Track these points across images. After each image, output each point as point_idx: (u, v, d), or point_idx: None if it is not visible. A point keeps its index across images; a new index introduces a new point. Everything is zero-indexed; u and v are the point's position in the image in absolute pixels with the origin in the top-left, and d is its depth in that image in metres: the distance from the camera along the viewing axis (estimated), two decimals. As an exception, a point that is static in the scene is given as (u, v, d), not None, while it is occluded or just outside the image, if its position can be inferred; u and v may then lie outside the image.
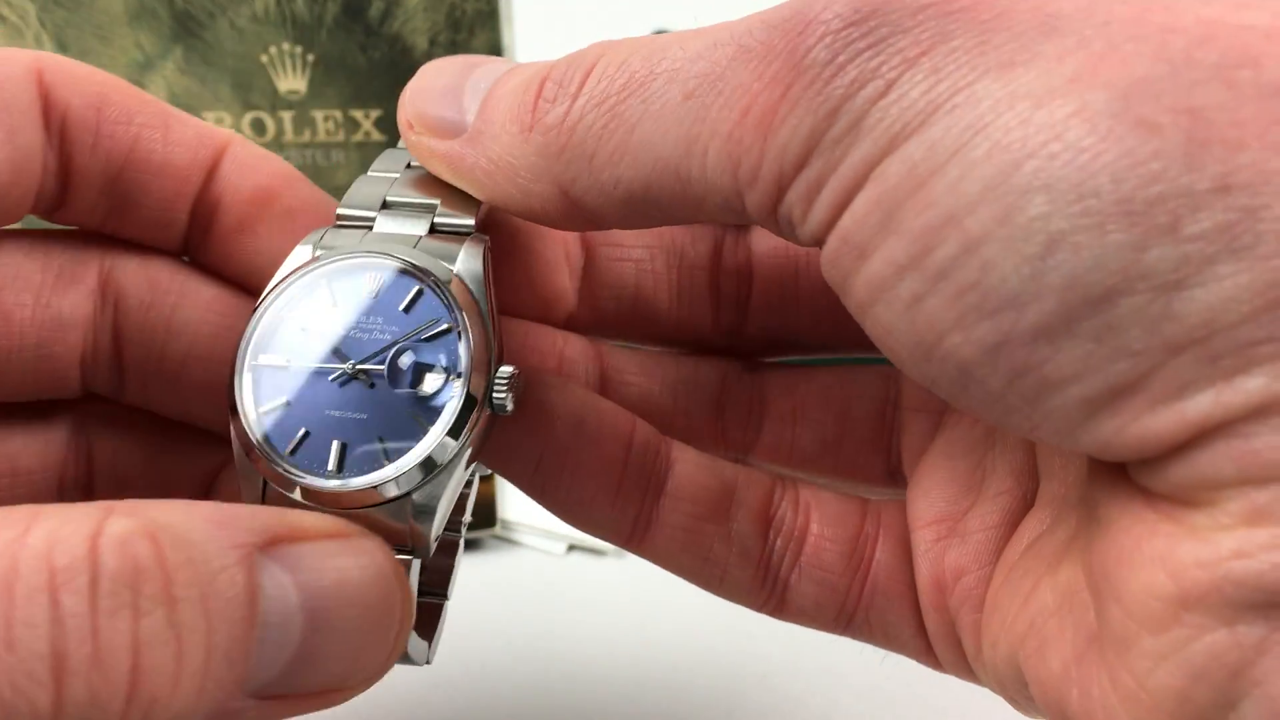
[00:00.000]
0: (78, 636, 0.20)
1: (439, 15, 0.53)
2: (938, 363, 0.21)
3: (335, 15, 0.53)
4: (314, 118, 0.55)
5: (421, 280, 0.28)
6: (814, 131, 0.21)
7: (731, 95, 0.22)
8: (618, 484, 0.30)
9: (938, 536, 0.29)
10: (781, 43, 0.21)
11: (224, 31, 0.54)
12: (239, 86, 0.54)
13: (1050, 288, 0.19)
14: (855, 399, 0.32)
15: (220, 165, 0.31)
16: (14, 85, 0.28)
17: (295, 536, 0.24)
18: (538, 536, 0.51)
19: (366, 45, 0.54)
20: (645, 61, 0.23)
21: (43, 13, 0.53)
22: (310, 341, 0.28)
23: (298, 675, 0.23)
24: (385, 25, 0.54)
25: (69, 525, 0.20)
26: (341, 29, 0.54)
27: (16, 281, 0.30)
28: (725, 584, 0.31)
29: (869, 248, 0.21)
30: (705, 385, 0.33)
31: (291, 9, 0.53)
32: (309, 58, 0.54)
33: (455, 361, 0.27)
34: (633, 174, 0.24)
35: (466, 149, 0.27)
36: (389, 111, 0.55)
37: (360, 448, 0.27)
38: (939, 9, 0.20)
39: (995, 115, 0.19)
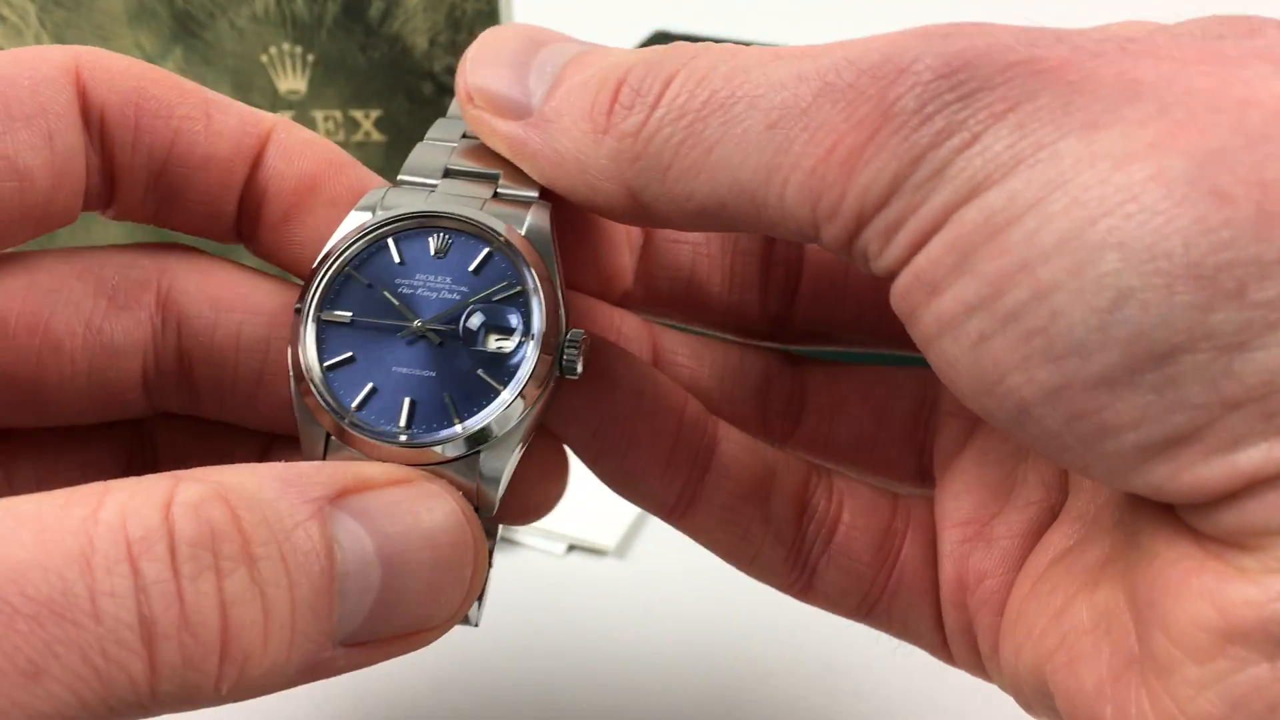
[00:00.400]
0: (163, 602, 0.20)
1: (439, 15, 0.53)
2: (998, 398, 0.22)
3: (335, 15, 0.53)
4: (314, 118, 0.55)
5: (492, 242, 0.28)
6: (898, 175, 0.22)
7: (817, 132, 0.22)
8: (668, 457, 0.30)
9: (963, 539, 0.30)
10: (871, 87, 0.22)
11: (224, 31, 0.54)
12: (239, 86, 0.54)
13: (1115, 340, 0.20)
14: (893, 398, 0.33)
15: (265, 153, 0.31)
16: (51, 86, 0.28)
17: (363, 487, 0.24)
18: (538, 536, 0.51)
19: (366, 45, 0.54)
20: (727, 81, 0.24)
21: (43, 13, 0.53)
22: (376, 298, 0.28)
23: (382, 621, 0.24)
24: (385, 25, 0.54)
25: (140, 496, 0.21)
26: (341, 29, 0.54)
27: (67, 307, 0.29)
28: (756, 563, 0.32)
29: (941, 286, 0.22)
30: (750, 374, 0.34)
31: (291, 9, 0.53)
32: (309, 58, 0.54)
33: (528, 323, 0.27)
34: (707, 191, 0.24)
35: (531, 134, 0.27)
36: (389, 111, 0.55)
37: (429, 405, 0.27)
38: (1027, 68, 0.21)
39: (1076, 173, 0.20)
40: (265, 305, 0.30)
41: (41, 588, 0.19)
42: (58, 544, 0.20)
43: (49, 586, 0.19)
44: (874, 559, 0.31)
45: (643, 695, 0.44)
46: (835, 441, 0.33)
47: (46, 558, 0.19)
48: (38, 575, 0.19)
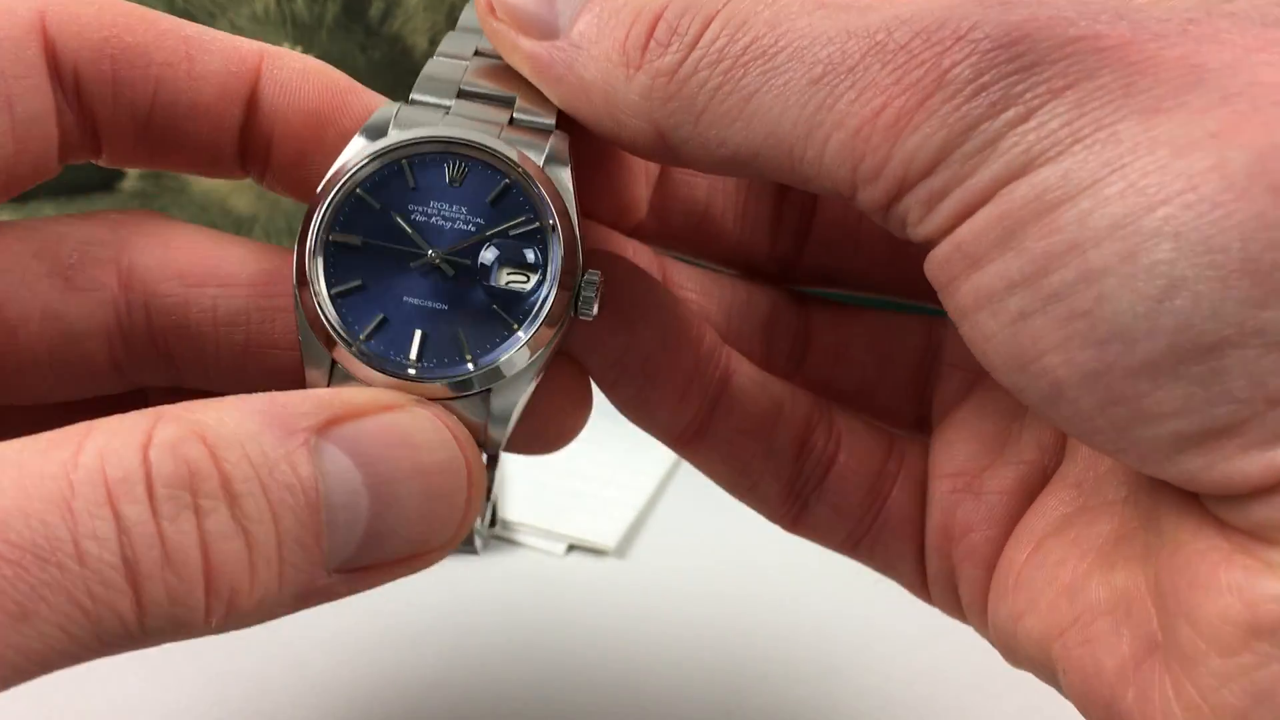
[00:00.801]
0: (144, 542, 0.20)
1: (439, 15, 0.53)
2: (1032, 376, 0.21)
3: (335, 15, 0.53)
4: (314, 118, 0.55)
5: (509, 174, 0.27)
6: (947, 144, 0.21)
7: (864, 91, 0.22)
8: (684, 388, 0.30)
9: (952, 489, 0.30)
10: (925, 51, 0.21)
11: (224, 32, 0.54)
12: (239, 86, 0.55)
13: (1163, 329, 0.19)
14: (898, 346, 0.33)
15: (259, 91, 0.29)
16: (12, 46, 0.26)
17: (350, 414, 0.24)
18: (538, 536, 0.51)
19: (366, 45, 0.54)
20: (770, 28, 0.23)
21: (43, 13, 0.53)
22: (388, 224, 0.27)
23: (376, 547, 0.24)
24: (385, 25, 0.54)
25: (118, 437, 0.21)
26: (341, 29, 0.54)
27: (21, 289, 0.28)
28: (752, 493, 0.32)
29: (983, 259, 0.21)
30: (757, 311, 0.33)
31: (291, 9, 0.53)
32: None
33: (545, 261, 0.26)
34: (741, 139, 0.24)
35: (557, 57, 0.26)
36: (389, 111, 0.55)
37: (441, 339, 0.26)
38: (1089, 44, 0.21)
39: (1134, 157, 0.20)
40: (239, 274, 0.29)
41: (24, 533, 0.19)
42: (38, 489, 0.20)
43: (31, 531, 0.19)
44: (864, 498, 0.32)
45: (643, 695, 0.44)
46: (837, 384, 0.33)
47: (28, 503, 0.19)
48: (19, 521, 0.19)
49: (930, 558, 0.31)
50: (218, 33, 0.29)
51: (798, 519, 0.32)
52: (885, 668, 0.33)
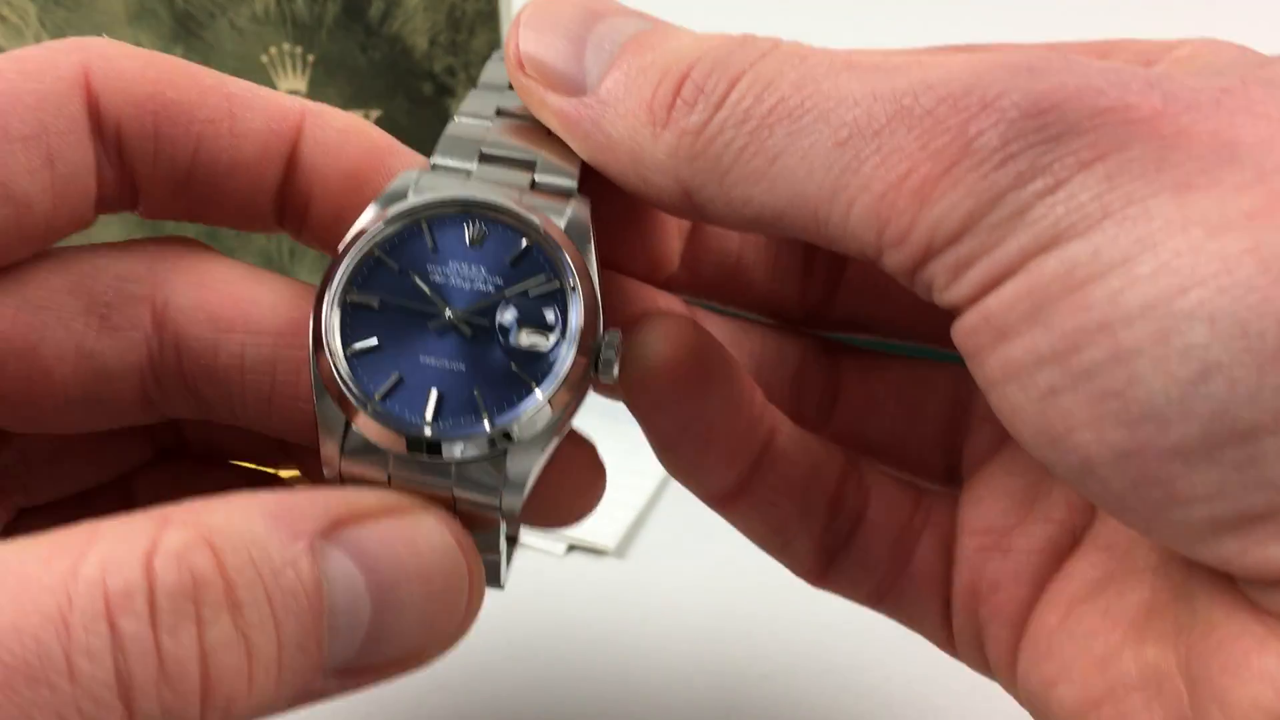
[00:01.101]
0: (141, 658, 0.20)
1: (439, 15, 0.53)
2: (1062, 452, 0.21)
3: (335, 15, 0.53)
4: (314, 118, 0.55)
5: (529, 235, 0.26)
6: (973, 213, 0.21)
7: (889, 156, 0.22)
8: (736, 451, 0.30)
9: (981, 546, 0.30)
10: (952, 117, 0.21)
11: (224, 31, 0.54)
12: (239, 86, 0.55)
13: (1197, 413, 0.19)
14: (928, 398, 0.32)
15: (300, 150, 0.29)
16: (56, 102, 0.26)
17: (356, 518, 0.24)
18: (538, 536, 0.51)
19: (366, 45, 0.54)
20: (796, 89, 0.23)
21: (43, 13, 0.53)
22: (406, 284, 0.26)
23: (374, 651, 0.23)
24: (385, 25, 0.54)
25: (122, 545, 0.21)
26: (341, 29, 0.54)
27: (57, 329, 0.27)
28: (784, 551, 0.32)
29: (1012, 332, 0.21)
30: (786, 362, 0.33)
31: (291, 9, 0.53)
32: (309, 58, 0.54)
33: (565, 321, 0.26)
34: (766, 200, 0.23)
35: (584, 114, 0.26)
36: (389, 111, 0.55)
37: (457, 399, 0.25)
38: (1119, 115, 0.20)
39: (1167, 236, 0.19)
40: (269, 323, 0.29)
41: (17, 651, 0.19)
42: (35, 604, 0.19)
43: (24, 649, 0.19)
44: (890, 553, 0.31)
45: (643, 695, 0.44)
46: (866, 435, 0.33)
47: (24, 620, 0.19)
48: (13, 639, 0.19)
49: (956, 614, 0.30)
50: (260, 89, 0.29)
51: (824, 575, 0.32)
52: (886, 668, 0.33)
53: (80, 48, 0.27)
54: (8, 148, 0.26)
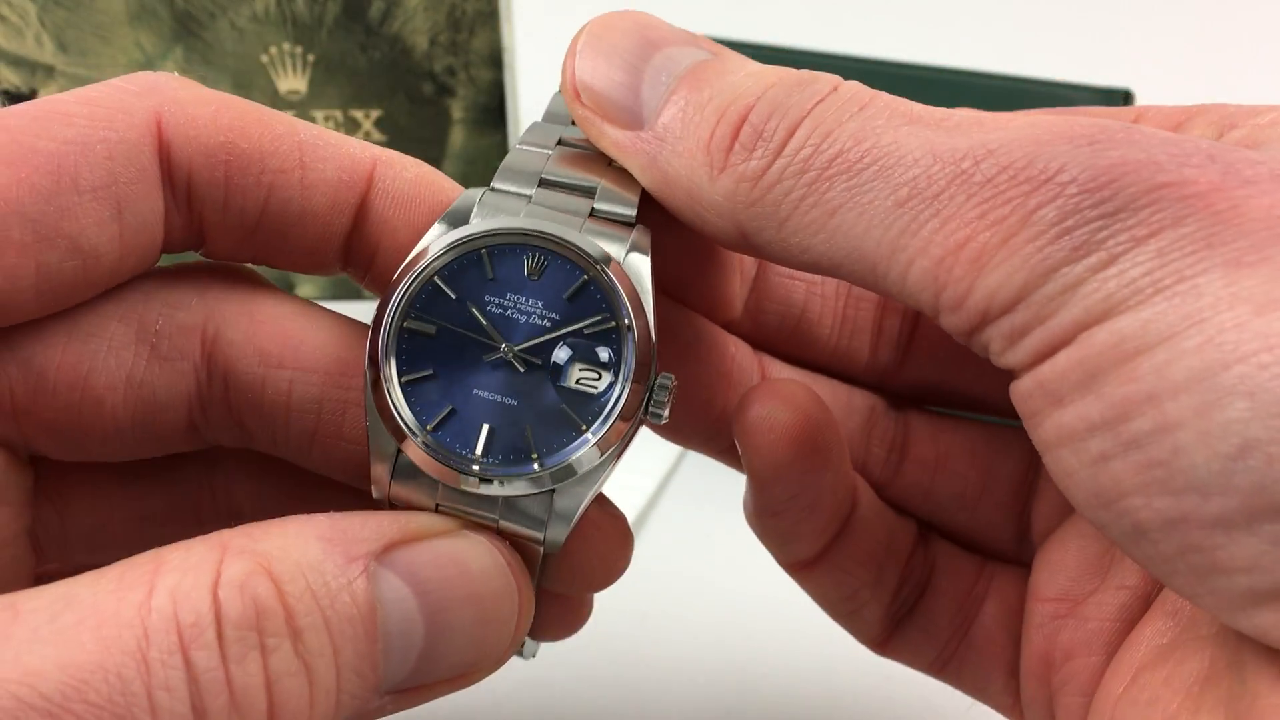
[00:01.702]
0: (213, 689, 0.21)
1: (439, 15, 0.53)
2: (1114, 515, 0.21)
3: (335, 15, 0.53)
4: (314, 118, 0.55)
5: (588, 269, 0.26)
6: (1028, 284, 0.21)
7: (948, 221, 0.22)
8: (829, 521, 0.30)
9: (1055, 614, 0.29)
10: (1011, 189, 0.21)
11: (224, 31, 0.54)
12: (239, 87, 0.54)
13: (1237, 487, 0.19)
14: (999, 461, 0.32)
15: (370, 201, 0.29)
16: (127, 151, 0.26)
17: (408, 539, 0.24)
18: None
19: (366, 45, 0.54)
20: (856, 142, 0.23)
21: (43, 13, 0.53)
22: (464, 314, 0.26)
23: (427, 670, 0.24)
24: (385, 25, 0.54)
25: (189, 577, 0.21)
26: (341, 29, 0.54)
27: (108, 358, 0.27)
28: (852, 618, 0.32)
29: (1065, 399, 0.21)
30: (855, 415, 0.33)
31: (292, 9, 0.53)
32: (309, 58, 0.54)
33: (619, 362, 0.26)
34: (824, 250, 0.24)
35: (641, 148, 0.26)
36: (389, 111, 0.55)
37: (508, 435, 0.26)
38: (1175, 191, 0.20)
39: (1214, 312, 0.19)
40: (318, 361, 0.28)
41: (102, 690, 0.20)
42: (116, 640, 0.20)
43: (109, 688, 0.20)
44: (951, 622, 0.31)
45: (643, 695, 0.44)
46: (935, 497, 0.33)
47: (106, 657, 0.20)
48: (99, 678, 0.20)
49: (1026, 683, 0.30)
50: (332, 135, 0.29)
51: (887, 642, 0.32)
52: (886, 667, 0.33)
53: (153, 90, 0.27)
54: (77, 200, 0.25)
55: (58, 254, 0.25)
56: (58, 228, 0.25)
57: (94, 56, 0.54)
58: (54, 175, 0.25)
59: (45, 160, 0.25)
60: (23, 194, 0.25)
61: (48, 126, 0.25)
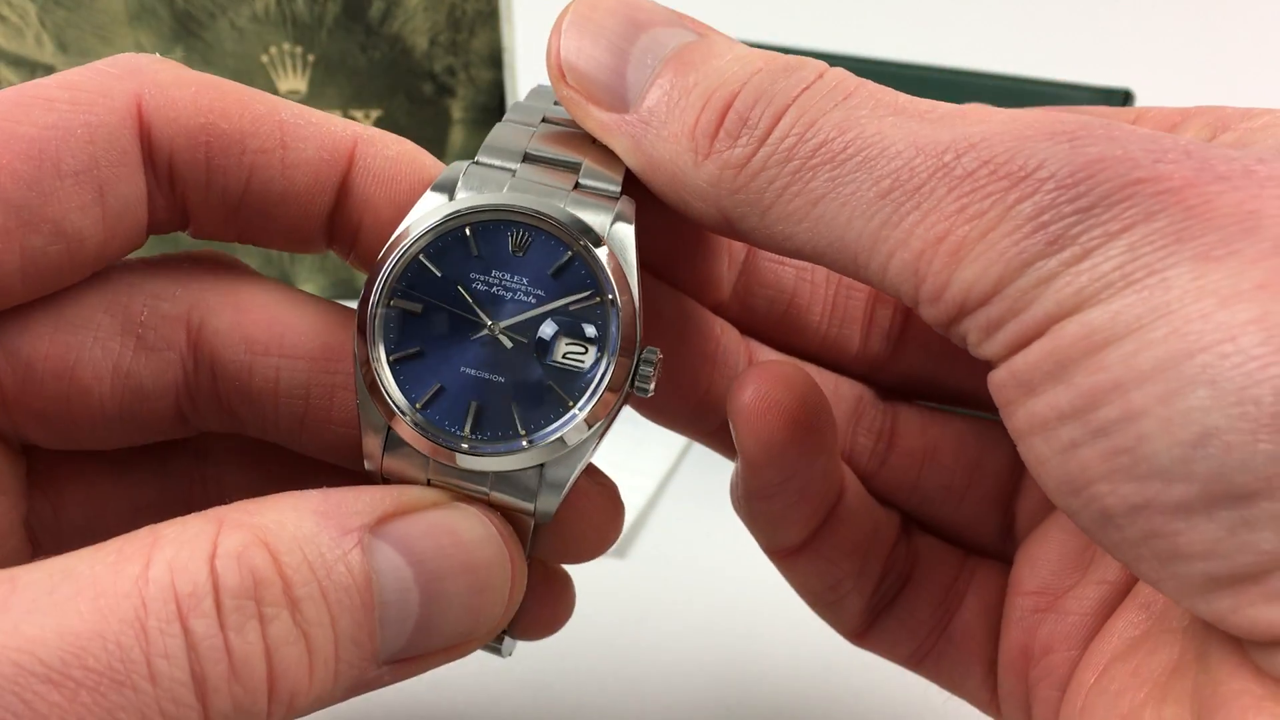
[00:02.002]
0: (213, 656, 0.21)
1: (439, 15, 0.53)
2: (1083, 502, 0.22)
3: (335, 15, 0.53)
4: (314, 118, 0.55)
5: (572, 245, 0.26)
6: (1003, 277, 0.21)
7: (928, 214, 0.22)
8: (816, 508, 0.30)
9: (1035, 608, 0.30)
10: (990, 184, 0.22)
11: (224, 31, 0.54)
12: (239, 86, 0.55)
13: (1196, 474, 0.20)
14: (987, 454, 0.32)
15: (352, 178, 0.29)
16: (108, 134, 0.26)
17: (401, 511, 0.24)
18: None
19: (366, 45, 0.54)
20: (839, 132, 0.23)
21: (43, 13, 0.53)
22: (449, 292, 0.27)
23: (423, 639, 0.24)
24: (385, 25, 0.54)
25: (185, 549, 0.21)
26: (341, 29, 0.54)
27: (94, 348, 0.28)
28: (833, 609, 0.32)
29: (1036, 389, 0.22)
30: (843, 404, 0.33)
31: (292, 9, 0.53)
32: (309, 58, 0.54)
33: (605, 338, 0.26)
34: (807, 239, 0.24)
35: (626, 130, 0.26)
36: (389, 111, 0.55)
37: (496, 412, 0.26)
38: (1150, 187, 0.21)
39: (1181, 304, 0.20)
40: (304, 347, 0.29)
41: (101, 656, 0.20)
42: (113, 610, 0.20)
43: (108, 655, 0.20)
44: (930, 616, 0.32)
45: (643, 695, 0.44)
46: (921, 489, 0.33)
47: (104, 625, 0.20)
48: (97, 645, 0.20)
49: (1004, 677, 0.30)
50: (313, 114, 0.29)
51: (865, 634, 0.32)
52: (885, 667, 0.33)
53: (134, 73, 0.27)
54: (59, 184, 0.26)
55: (42, 238, 0.26)
56: (41, 213, 0.25)
57: (94, 56, 0.54)
58: (35, 160, 0.25)
59: (27, 146, 0.25)
60: (4, 180, 0.25)
61: (29, 112, 0.26)
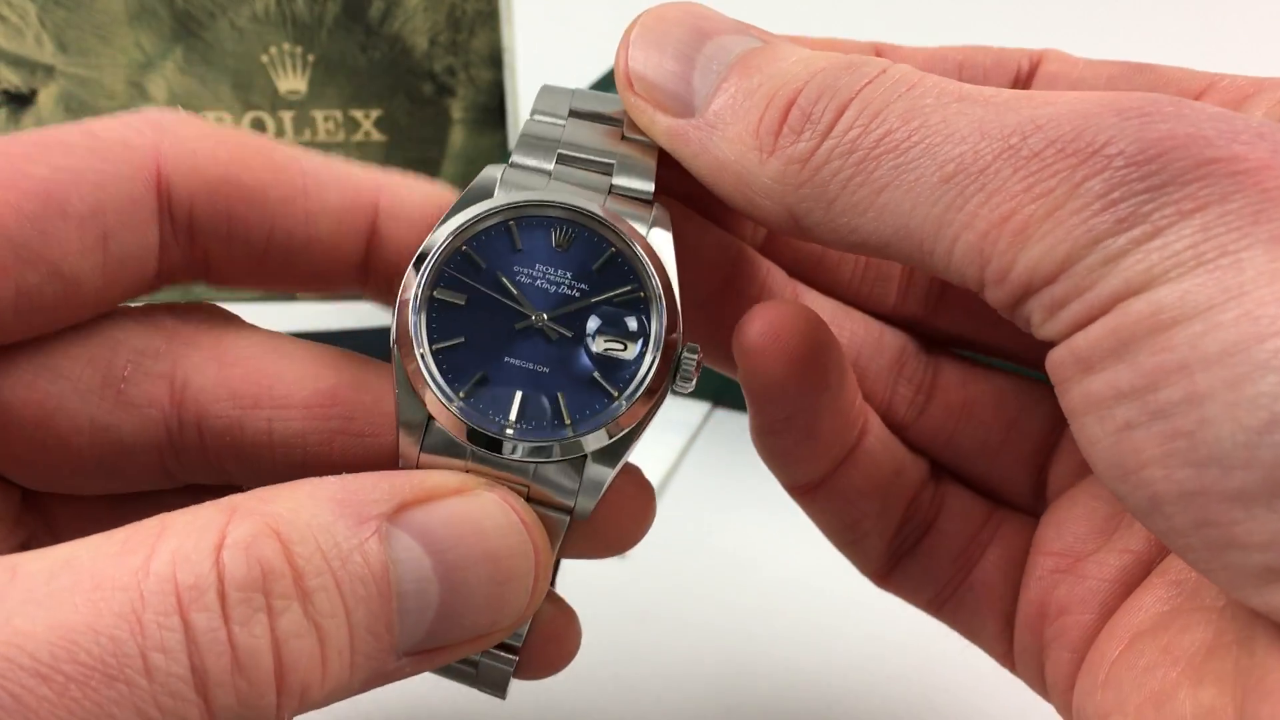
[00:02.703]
0: (214, 650, 0.20)
1: (439, 15, 0.53)
2: (1132, 485, 0.21)
3: (335, 15, 0.53)
4: (314, 118, 0.55)
5: (615, 242, 0.27)
6: (1070, 255, 0.21)
7: (994, 195, 0.22)
8: (829, 446, 0.30)
9: (1055, 568, 0.30)
10: (1058, 162, 0.21)
11: (224, 31, 0.54)
12: (239, 86, 0.54)
13: (1261, 461, 0.19)
14: (1026, 414, 0.32)
15: (379, 226, 0.29)
16: (120, 183, 0.26)
17: (420, 499, 0.24)
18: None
19: (366, 45, 0.54)
20: (903, 121, 0.23)
21: (43, 13, 0.53)
22: (493, 283, 0.27)
23: (444, 630, 0.24)
24: (385, 25, 0.54)
25: (191, 539, 0.21)
26: (341, 29, 0.54)
27: (73, 399, 0.27)
28: (854, 547, 0.32)
29: (1096, 367, 0.21)
30: (885, 353, 0.33)
31: (291, 9, 0.53)
32: (309, 58, 0.54)
33: (647, 331, 0.26)
34: (872, 229, 0.24)
35: (693, 135, 0.26)
36: (389, 111, 0.55)
37: (539, 403, 0.26)
38: (1224, 166, 0.20)
39: (1254, 286, 0.19)
40: (296, 396, 0.28)
41: (93, 650, 0.19)
42: (108, 603, 0.20)
43: (100, 649, 0.19)
44: (953, 564, 0.32)
45: (643, 694, 0.44)
46: (956, 442, 0.33)
47: (97, 619, 0.20)
48: (89, 639, 0.19)
49: (1020, 631, 0.30)
50: (336, 163, 0.29)
51: (888, 576, 0.32)
52: (887, 667, 0.33)
53: (156, 125, 0.27)
54: (62, 225, 0.26)
55: (38, 276, 0.26)
56: (40, 252, 0.26)
57: (94, 56, 0.54)
58: (42, 200, 0.25)
59: (36, 185, 0.25)
60: (7, 216, 0.25)
61: (46, 153, 0.26)
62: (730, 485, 0.53)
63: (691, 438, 0.56)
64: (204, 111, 0.55)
